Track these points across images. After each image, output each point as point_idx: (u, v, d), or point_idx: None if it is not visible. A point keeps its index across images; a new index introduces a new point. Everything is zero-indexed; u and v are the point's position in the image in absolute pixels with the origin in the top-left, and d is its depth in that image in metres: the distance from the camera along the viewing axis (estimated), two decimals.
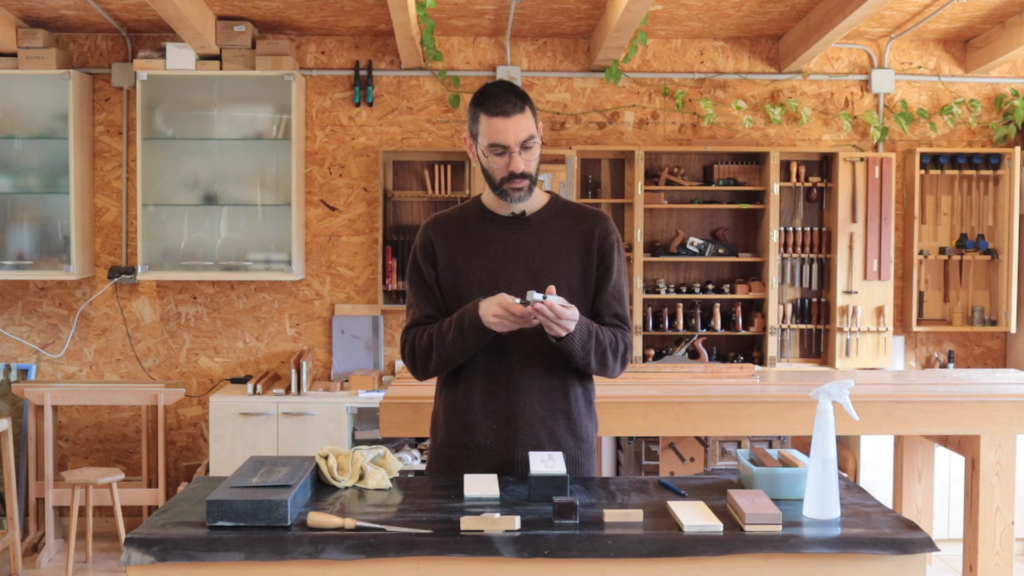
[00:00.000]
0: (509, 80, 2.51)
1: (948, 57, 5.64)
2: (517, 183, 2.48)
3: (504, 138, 2.43)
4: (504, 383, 2.51)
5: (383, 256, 5.40)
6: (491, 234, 2.56)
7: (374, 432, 5.07)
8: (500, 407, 2.52)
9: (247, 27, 5.20)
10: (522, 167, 2.46)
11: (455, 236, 2.58)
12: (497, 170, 2.48)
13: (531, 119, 2.46)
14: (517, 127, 2.43)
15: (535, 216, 2.58)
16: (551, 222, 2.58)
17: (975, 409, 3.69)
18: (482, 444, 2.53)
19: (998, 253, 5.49)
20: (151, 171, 5.23)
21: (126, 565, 1.98)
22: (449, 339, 2.47)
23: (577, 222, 2.58)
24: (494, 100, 2.44)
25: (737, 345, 5.62)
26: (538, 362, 2.51)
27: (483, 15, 5.12)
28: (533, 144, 2.47)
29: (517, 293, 2.42)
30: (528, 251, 2.55)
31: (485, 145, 2.47)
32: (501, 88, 2.47)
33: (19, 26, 5.24)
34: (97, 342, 5.57)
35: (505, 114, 2.43)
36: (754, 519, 2.05)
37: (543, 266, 2.53)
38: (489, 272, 2.53)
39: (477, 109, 2.47)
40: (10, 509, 4.80)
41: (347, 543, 1.99)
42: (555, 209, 2.60)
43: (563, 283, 2.51)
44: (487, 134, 2.45)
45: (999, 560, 3.73)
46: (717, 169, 5.53)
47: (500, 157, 2.46)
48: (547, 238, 2.56)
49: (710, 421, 3.69)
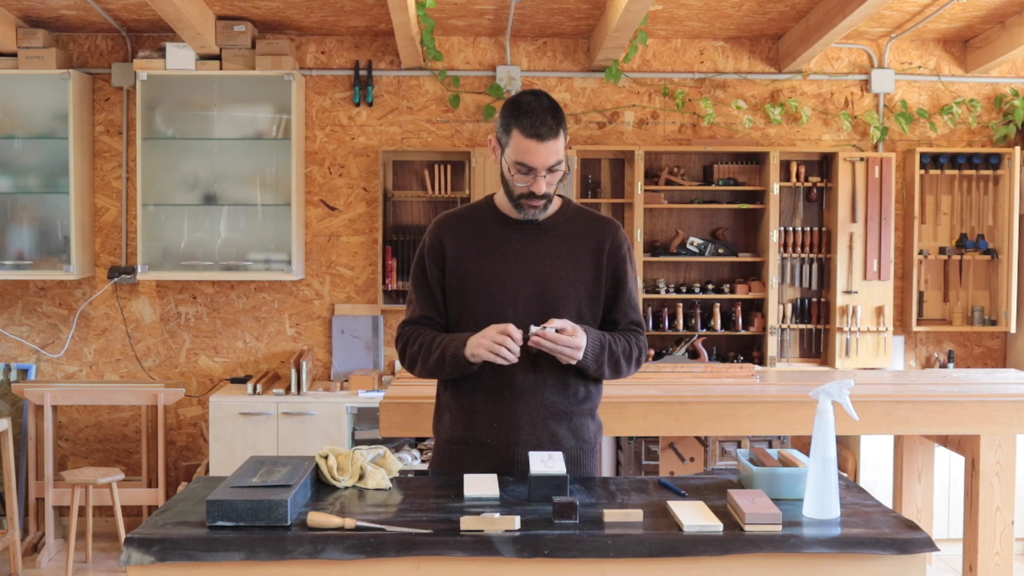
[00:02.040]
0: (546, 92, 2.46)
1: (948, 57, 5.64)
2: (535, 201, 2.47)
3: (533, 161, 2.41)
4: (508, 383, 2.51)
5: (383, 256, 5.40)
6: (502, 236, 2.55)
7: (374, 432, 5.07)
8: (502, 407, 2.52)
9: (247, 27, 5.20)
10: (544, 189, 2.44)
11: (465, 236, 2.57)
12: (519, 188, 2.46)
13: (562, 143, 2.43)
14: (548, 152, 2.40)
15: (547, 221, 2.56)
16: (563, 228, 2.57)
17: (975, 409, 3.69)
18: (483, 442, 2.53)
19: (998, 253, 5.49)
20: (151, 171, 5.23)
21: (126, 565, 1.98)
22: (433, 359, 2.50)
23: (589, 229, 2.57)
24: (531, 119, 2.39)
25: (737, 345, 5.62)
26: (541, 363, 2.51)
27: (483, 15, 5.12)
28: (559, 168, 2.45)
29: (525, 299, 2.42)
30: (538, 257, 2.53)
31: (512, 161, 2.43)
32: (539, 104, 2.41)
33: (19, 26, 5.24)
34: (97, 342, 5.57)
35: (540, 137, 2.39)
36: (754, 519, 2.05)
37: (553, 272, 2.52)
38: (498, 275, 2.52)
39: (512, 122, 2.41)
40: (10, 509, 4.80)
41: (347, 543, 1.99)
42: (567, 215, 2.59)
43: (571, 290, 2.51)
44: (516, 151, 2.41)
45: (999, 560, 3.73)
46: (717, 169, 5.53)
47: (525, 176, 2.43)
48: (558, 244, 2.54)
49: (710, 421, 3.69)
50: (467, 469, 2.47)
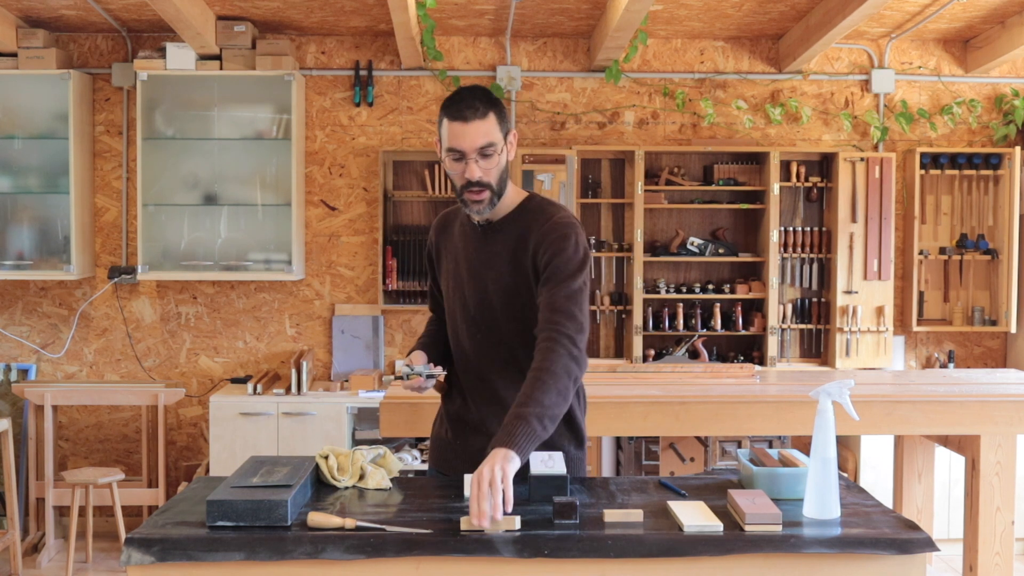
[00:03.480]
0: (483, 87, 2.41)
1: (948, 57, 5.64)
2: (475, 193, 2.36)
3: (460, 143, 2.33)
4: (471, 403, 2.55)
5: (383, 256, 5.40)
6: (465, 240, 2.52)
7: (374, 432, 5.07)
8: (470, 429, 2.54)
9: (247, 27, 5.20)
10: (478, 175, 2.33)
11: (446, 239, 2.60)
12: (455, 176, 2.39)
13: (494, 125, 2.34)
14: (475, 132, 2.32)
15: (500, 223, 2.47)
16: (511, 227, 2.45)
17: (975, 409, 3.69)
18: (480, 445, 2.53)
19: (998, 253, 5.49)
20: (151, 171, 5.23)
21: (126, 565, 1.98)
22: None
23: (527, 226, 2.42)
24: (457, 104, 2.34)
25: (737, 345, 5.62)
26: (500, 376, 2.50)
27: (483, 15, 5.12)
28: (492, 152, 2.34)
29: (473, 305, 2.48)
30: (483, 261, 2.47)
31: (445, 150, 2.38)
32: (469, 93, 2.36)
33: (19, 26, 5.24)
34: (97, 342, 5.57)
35: (464, 119, 2.32)
36: (754, 519, 2.05)
37: (497, 276, 2.44)
38: (455, 280, 2.54)
39: (442, 112, 2.38)
40: (10, 509, 4.80)
41: (347, 543, 1.99)
42: (520, 212, 2.46)
43: (515, 295, 2.42)
44: (446, 138, 2.36)
45: (999, 560, 3.73)
46: (717, 169, 5.53)
47: (457, 163, 2.36)
48: (504, 247, 2.44)
49: (710, 421, 3.69)
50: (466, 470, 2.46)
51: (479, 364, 2.50)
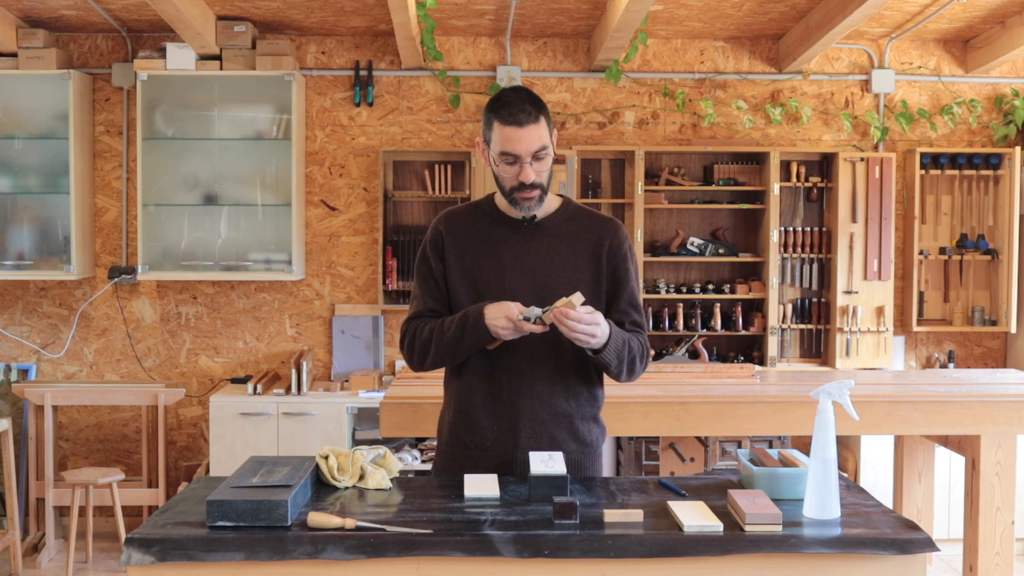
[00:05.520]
0: (526, 87, 2.47)
1: (948, 57, 5.64)
2: (527, 193, 2.46)
3: (515, 148, 2.41)
4: (506, 385, 2.51)
5: (383, 256, 5.40)
6: (501, 236, 2.54)
7: (374, 432, 5.07)
8: (501, 410, 2.52)
9: (247, 27, 5.20)
10: (532, 177, 2.44)
11: (465, 235, 2.57)
12: (508, 179, 2.46)
13: (544, 129, 2.44)
14: (530, 137, 2.41)
15: (546, 221, 2.56)
16: (563, 227, 2.56)
17: (975, 409, 3.69)
18: (482, 445, 2.53)
19: (998, 253, 5.49)
20: (151, 171, 5.23)
21: (126, 565, 1.98)
22: (449, 336, 2.46)
23: (589, 229, 2.56)
24: (508, 108, 2.41)
25: (737, 345, 5.62)
26: (542, 365, 2.50)
27: (483, 15, 5.12)
28: (545, 155, 2.45)
29: (522, 299, 2.42)
30: (537, 257, 2.53)
31: (497, 153, 2.44)
32: (517, 95, 2.43)
33: (19, 26, 5.25)
34: (97, 342, 5.57)
35: (518, 123, 2.40)
36: (754, 519, 2.05)
37: (551, 272, 2.52)
38: (495, 275, 2.52)
39: (491, 115, 2.44)
40: (10, 509, 4.80)
41: (347, 543, 1.99)
42: (568, 213, 2.58)
43: (570, 289, 2.48)
44: (499, 142, 2.43)
45: (999, 560, 3.73)
46: (717, 169, 5.53)
47: (511, 166, 2.44)
48: (557, 243, 2.54)
49: (710, 421, 3.69)
50: (468, 471, 2.47)
51: (517, 356, 2.49)
